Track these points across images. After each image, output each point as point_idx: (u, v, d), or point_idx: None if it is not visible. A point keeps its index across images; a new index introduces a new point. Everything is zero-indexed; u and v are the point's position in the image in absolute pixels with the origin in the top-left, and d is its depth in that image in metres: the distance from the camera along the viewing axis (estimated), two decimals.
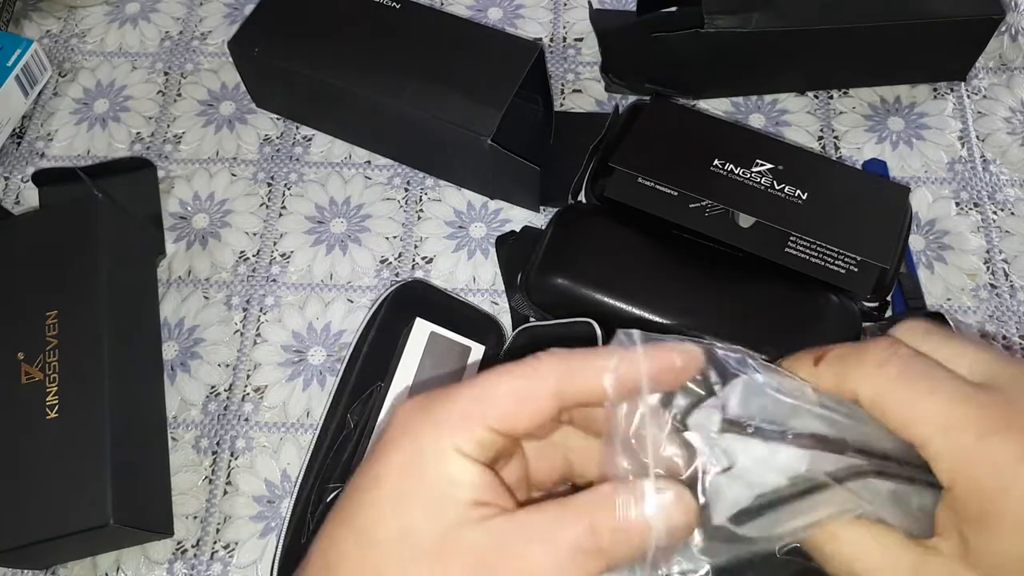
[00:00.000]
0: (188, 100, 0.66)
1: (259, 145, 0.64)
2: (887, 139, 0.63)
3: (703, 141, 0.56)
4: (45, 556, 0.49)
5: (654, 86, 0.63)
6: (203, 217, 0.62)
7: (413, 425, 0.27)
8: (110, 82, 0.67)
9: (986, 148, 0.62)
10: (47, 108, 0.66)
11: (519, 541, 0.26)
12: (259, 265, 0.60)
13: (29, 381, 0.49)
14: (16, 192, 0.63)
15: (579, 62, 0.67)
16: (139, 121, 0.66)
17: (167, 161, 0.64)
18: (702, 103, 0.64)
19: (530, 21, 0.69)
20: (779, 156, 0.55)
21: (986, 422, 0.27)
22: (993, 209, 0.60)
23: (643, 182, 0.54)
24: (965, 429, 0.27)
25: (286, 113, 0.65)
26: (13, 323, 0.50)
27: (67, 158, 0.64)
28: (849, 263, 0.51)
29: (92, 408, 0.48)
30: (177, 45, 0.69)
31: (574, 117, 0.64)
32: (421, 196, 0.62)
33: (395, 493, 0.27)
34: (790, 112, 0.64)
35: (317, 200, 0.62)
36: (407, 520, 0.26)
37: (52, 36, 0.70)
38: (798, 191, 0.54)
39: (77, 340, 0.49)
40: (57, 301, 0.50)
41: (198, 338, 0.57)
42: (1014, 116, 0.63)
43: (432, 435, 0.27)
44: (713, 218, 0.53)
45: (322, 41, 0.59)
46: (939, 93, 0.65)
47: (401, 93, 0.57)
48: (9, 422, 0.48)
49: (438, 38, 0.59)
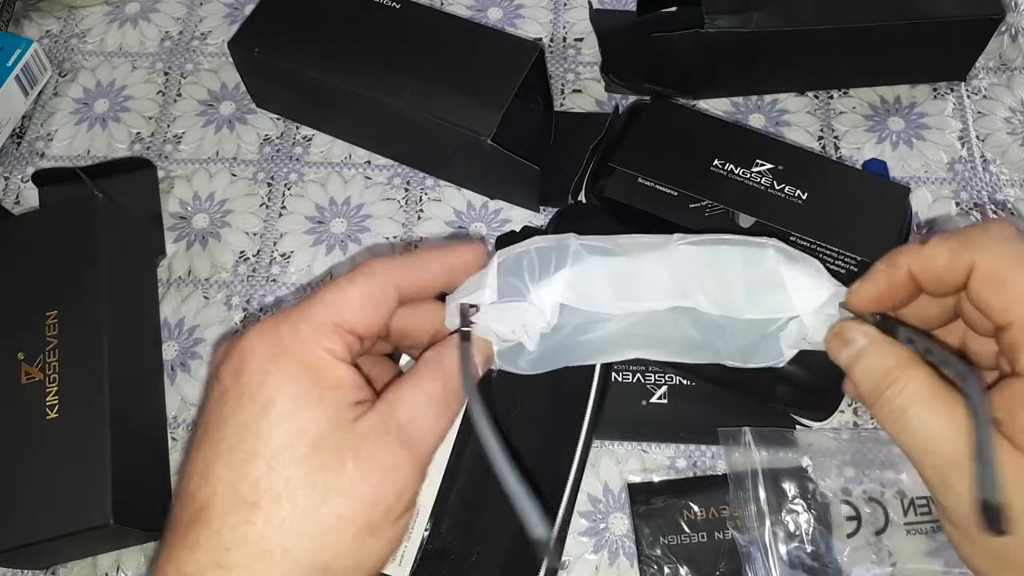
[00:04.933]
0: (188, 100, 0.66)
1: (259, 145, 0.64)
2: (887, 139, 0.63)
3: (703, 141, 0.56)
4: (45, 556, 0.49)
5: (654, 86, 0.63)
6: (203, 217, 0.62)
7: (279, 345, 0.30)
8: (110, 82, 0.67)
9: (986, 148, 0.62)
10: (47, 108, 0.66)
11: (402, 417, 0.30)
12: (259, 265, 0.60)
13: (29, 381, 0.49)
14: (16, 192, 0.63)
15: (579, 62, 0.67)
16: (139, 121, 0.66)
17: (167, 161, 0.64)
18: (702, 103, 0.64)
19: (530, 21, 0.69)
20: (779, 156, 0.55)
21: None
22: (993, 209, 0.60)
23: (643, 182, 0.54)
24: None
25: (286, 113, 0.65)
26: (13, 323, 0.50)
27: (67, 158, 0.64)
28: (849, 263, 0.51)
29: (92, 408, 0.48)
30: (177, 45, 0.69)
31: (574, 117, 0.64)
32: (421, 196, 0.62)
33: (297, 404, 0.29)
34: (790, 112, 0.64)
35: (317, 200, 0.62)
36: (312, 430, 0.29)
37: (52, 36, 0.70)
38: (798, 191, 0.54)
39: (77, 340, 0.49)
40: (57, 301, 0.50)
41: (198, 338, 0.57)
42: (1014, 116, 0.63)
43: (306, 347, 0.30)
44: (713, 218, 0.53)
45: (322, 41, 0.59)
46: (939, 93, 0.65)
47: (401, 93, 0.57)
48: (9, 422, 0.48)
49: (438, 38, 0.59)
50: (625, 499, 0.51)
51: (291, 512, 0.28)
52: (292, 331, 0.30)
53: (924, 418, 0.29)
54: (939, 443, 0.29)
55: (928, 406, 0.29)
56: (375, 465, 0.29)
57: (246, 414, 0.29)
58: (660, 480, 0.52)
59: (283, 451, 0.28)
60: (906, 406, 0.30)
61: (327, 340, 0.30)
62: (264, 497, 0.28)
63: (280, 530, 0.28)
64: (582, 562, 0.50)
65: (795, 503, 0.49)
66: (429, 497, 0.48)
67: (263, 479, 0.28)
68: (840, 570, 0.48)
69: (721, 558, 0.49)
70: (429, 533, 0.47)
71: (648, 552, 0.49)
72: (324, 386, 0.29)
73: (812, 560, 0.48)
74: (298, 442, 0.29)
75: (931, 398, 0.29)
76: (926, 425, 0.29)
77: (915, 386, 0.30)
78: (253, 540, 0.28)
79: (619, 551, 0.50)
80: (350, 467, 0.29)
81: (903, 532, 0.49)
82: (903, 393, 0.30)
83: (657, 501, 0.50)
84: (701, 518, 0.50)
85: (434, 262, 0.34)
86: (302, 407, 0.29)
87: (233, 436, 0.29)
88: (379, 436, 0.30)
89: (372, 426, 0.30)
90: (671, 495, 0.51)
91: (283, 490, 0.28)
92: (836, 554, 0.48)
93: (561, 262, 0.35)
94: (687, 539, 0.49)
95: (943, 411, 0.29)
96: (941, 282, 0.32)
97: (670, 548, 0.49)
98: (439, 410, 0.32)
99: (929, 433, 0.29)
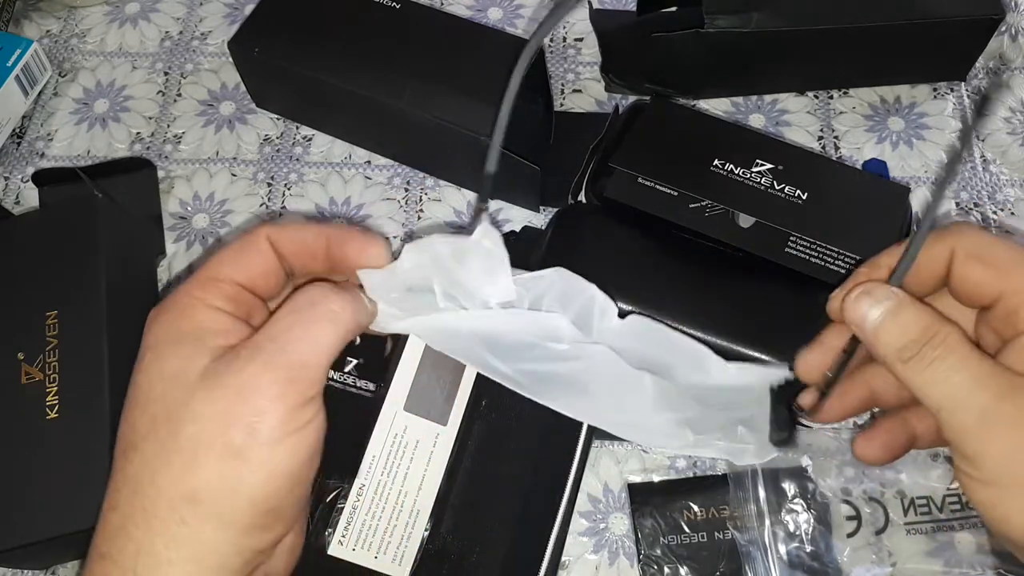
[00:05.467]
0: (188, 100, 0.66)
1: (259, 145, 0.64)
2: (887, 139, 0.63)
3: (703, 141, 0.56)
4: (45, 556, 0.49)
5: (654, 86, 0.63)
6: (203, 217, 0.62)
7: (166, 303, 0.33)
8: (110, 82, 0.67)
9: (986, 148, 0.62)
10: (47, 108, 0.66)
11: (262, 340, 0.31)
12: None
13: (29, 381, 0.49)
14: (16, 192, 0.63)
15: (579, 62, 0.67)
16: (139, 121, 0.66)
17: (167, 161, 0.64)
18: (702, 103, 0.64)
19: (530, 21, 0.69)
20: (779, 156, 0.55)
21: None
22: (993, 209, 0.60)
23: (643, 182, 0.54)
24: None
25: (286, 113, 0.65)
26: (13, 323, 0.50)
27: (67, 158, 0.64)
28: (849, 263, 0.52)
29: (92, 408, 0.48)
30: (177, 45, 0.69)
31: (574, 117, 0.64)
32: (421, 196, 0.62)
33: (162, 347, 0.32)
34: (790, 112, 0.64)
35: (317, 200, 0.62)
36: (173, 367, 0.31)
37: (52, 36, 0.70)
38: (798, 191, 0.54)
39: (77, 340, 0.49)
40: (57, 301, 0.50)
41: None
42: (1014, 116, 0.63)
43: (184, 300, 0.32)
44: (713, 218, 0.53)
45: (322, 41, 0.59)
46: (939, 93, 0.65)
47: (401, 93, 0.57)
48: (9, 422, 0.48)
49: (438, 38, 0.59)
50: (625, 499, 0.51)
51: (155, 447, 0.30)
52: (180, 291, 0.33)
53: (970, 363, 0.30)
54: (981, 390, 0.29)
55: (974, 352, 0.30)
56: (227, 390, 0.30)
57: (136, 368, 0.32)
58: (660, 480, 0.52)
59: (148, 393, 0.31)
60: (948, 355, 0.30)
61: (198, 291, 0.33)
62: (136, 438, 0.31)
63: (151, 465, 0.30)
64: (582, 562, 0.50)
65: (795, 503, 0.49)
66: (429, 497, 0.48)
67: (138, 421, 0.31)
68: (840, 570, 0.48)
69: (721, 558, 0.49)
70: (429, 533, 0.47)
71: (648, 552, 0.49)
72: (185, 330, 0.32)
73: (812, 560, 0.48)
74: (158, 382, 0.31)
75: (972, 347, 0.30)
76: (970, 370, 0.30)
77: (957, 336, 0.31)
78: (131, 477, 0.30)
79: (619, 551, 0.50)
80: (199, 396, 0.30)
81: (903, 532, 0.49)
82: (948, 341, 0.30)
83: (657, 501, 0.50)
84: (701, 518, 0.50)
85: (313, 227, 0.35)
86: (165, 352, 0.32)
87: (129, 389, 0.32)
88: (233, 362, 0.30)
89: (230, 357, 0.31)
90: (671, 495, 0.51)
91: (149, 429, 0.30)
92: (836, 554, 0.48)
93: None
94: (687, 539, 0.49)
95: (985, 358, 0.30)
96: (923, 276, 0.33)
97: (670, 548, 0.49)
98: (307, 320, 0.32)
99: (973, 378, 0.30)
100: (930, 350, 0.30)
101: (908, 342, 0.31)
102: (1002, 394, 0.29)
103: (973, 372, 0.30)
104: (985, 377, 0.30)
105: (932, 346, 0.30)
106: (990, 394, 0.29)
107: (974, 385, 0.29)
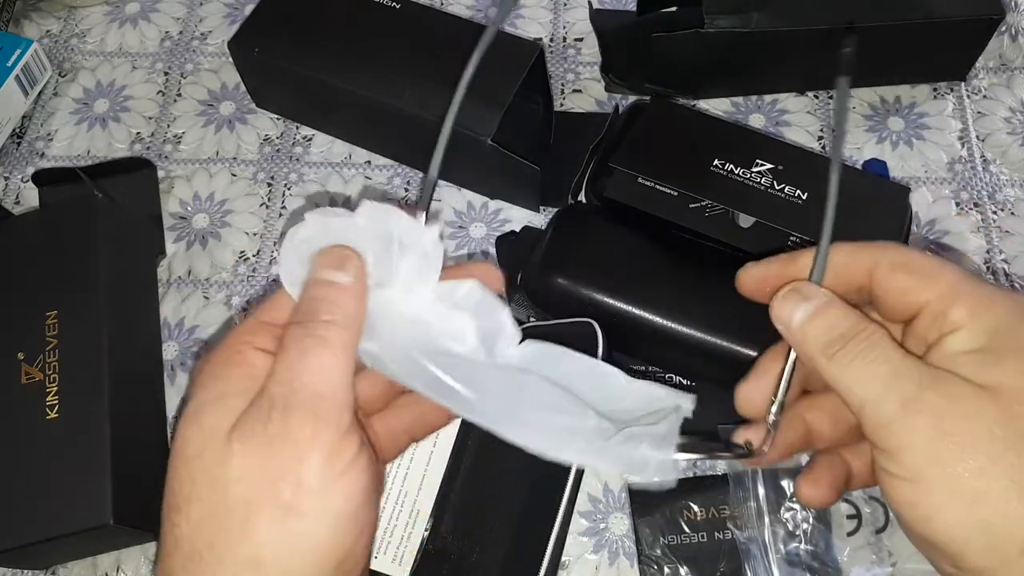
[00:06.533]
0: (188, 100, 0.66)
1: (259, 145, 0.64)
2: (887, 139, 0.63)
3: (703, 141, 0.56)
4: (45, 556, 0.49)
5: (654, 86, 0.63)
6: (203, 217, 0.62)
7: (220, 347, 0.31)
8: (110, 82, 0.67)
9: (986, 148, 0.62)
10: (47, 108, 0.66)
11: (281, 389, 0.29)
12: (259, 265, 0.60)
13: (29, 381, 0.49)
14: (16, 192, 0.63)
15: (579, 62, 0.67)
16: (139, 121, 0.66)
17: (167, 161, 0.64)
18: (702, 103, 0.64)
19: (530, 21, 0.69)
20: (779, 156, 0.55)
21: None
22: (993, 209, 0.60)
23: (643, 182, 0.54)
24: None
25: (286, 113, 0.65)
26: (13, 323, 0.50)
27: (67, 158, 0.64)
28: None
29: (92, 408, 0.48)
30: (177, 45, 0.69)
31: (574, 117, 0.64)
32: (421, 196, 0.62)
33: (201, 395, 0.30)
34: (790, 112, 0.64)
35: (317, 200, 0.62)
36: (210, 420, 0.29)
37: (52, 36, 0.70)
38: (798, 191, 0.54)
39: (77, 340, 0.49)
40: (57, 301, 0.50)
41: (198, 338, 0.57)
42: (1014, 116, 0.63)
43: (229, 344, 0.31)
44: (713, 218, 0.53)
45: (322, 41, 0.59)
46: (939, 93, 0.65)
47: (401, 93, 0.57)
48: (9, 422, 0.48)
49: (438, 38, 0.59)
50: (625, 499, 0.51)
51: (202, 510, 0.28)
52: (231, 334, 0.32)
53: (894, 357, 0.30)
54: (904, 380, 0.29)
55: (898, 349, 0.30)
56: (259, 441, 0.28)
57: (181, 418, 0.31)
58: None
59: (184, 450, 0.29)
60: (872, 348, 0.30)
61: (248, 335, 0.31)
62: (180, 499, 0.29)
63: (205, 530, 0.28)
64: (582, 562, 0.50)
65: (795, 501, 0.49)
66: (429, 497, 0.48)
67: (181, 480, 0.29)
68: (840, 569, 0.48)
69: (721, 558, 0.49)
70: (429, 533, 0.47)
71: (648, 552, 0.49)
72: (230, 379, 0.30)
73: (812, 559, 0.48)
74: (195, 437, 0.29)
75: (897, 345, 0.30)
76: (893, 363, 0.30)
77: (882, 334, 0.31)
78: (183, 541, 0.28)
79: (619, 551, 0.50)
80: (236, 451, 0.28)
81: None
82: (873, 337, 0.30)
83: (657, 501, 0.50)
84: (701, 518, 0.50)
85: None
86: (209, 405, 0.30)
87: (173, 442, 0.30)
88: (257, 414, 0.29)
89: (254, 409, 0.29)
90: (671, 495, 0.51)
91: (191, 489, 0.29)
92: (836, 553, 0.48)
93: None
94: (687, 539, 0.49)
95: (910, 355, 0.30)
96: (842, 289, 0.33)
97: (670, 548, 0.49)
98: (301, 351, 0.30)
99: (896, 370, 0.29)
100: (855, 345, 0.30)
101: (835, 337, 0.31)
102: (925, 384, 0.29)
103: (896, 365, 0.29)
104: (909, 369, 0.29)
105: (857, 341, 0.30)
106: (913, 383, 0.29)
107: (896, 376, 0.29)
